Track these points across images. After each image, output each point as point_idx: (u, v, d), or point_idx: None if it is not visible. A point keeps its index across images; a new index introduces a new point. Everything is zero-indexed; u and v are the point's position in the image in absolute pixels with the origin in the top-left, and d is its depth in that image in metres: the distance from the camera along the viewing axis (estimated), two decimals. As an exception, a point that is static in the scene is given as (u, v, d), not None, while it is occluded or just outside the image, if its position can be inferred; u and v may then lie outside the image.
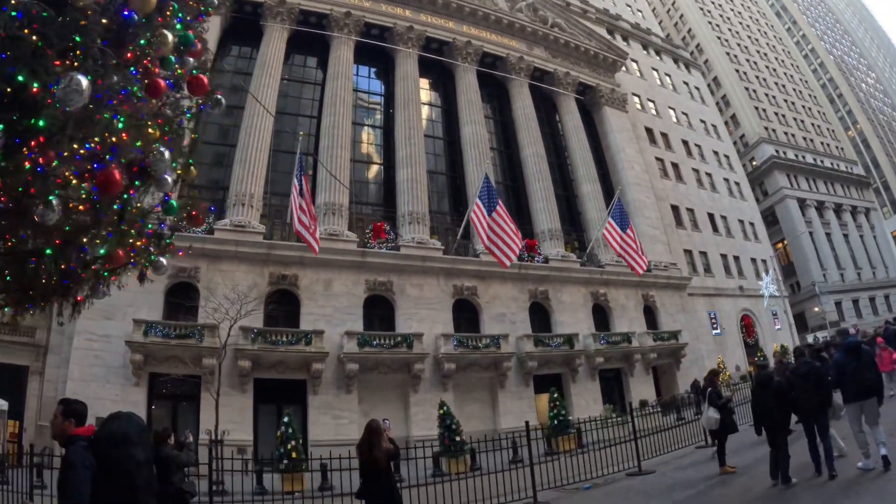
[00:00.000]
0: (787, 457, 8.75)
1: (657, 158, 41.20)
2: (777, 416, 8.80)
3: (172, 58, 5.76)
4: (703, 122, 48.90)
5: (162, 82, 5.34)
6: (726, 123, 61.26)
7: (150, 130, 5.47)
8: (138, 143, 5.11)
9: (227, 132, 27.04)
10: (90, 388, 18.97)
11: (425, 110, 33.21)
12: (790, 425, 9.04)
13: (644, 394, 27.03)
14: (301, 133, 23.45)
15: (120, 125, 4.69)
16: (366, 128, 31.77)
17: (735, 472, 10.60)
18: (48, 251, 5.19)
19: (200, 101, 7.45)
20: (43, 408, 19.73)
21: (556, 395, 21.22)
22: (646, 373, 29.82)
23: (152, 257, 7.44)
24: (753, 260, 42.89)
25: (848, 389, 8.20)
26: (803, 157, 60.68)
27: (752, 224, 46.23)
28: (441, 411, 18.68)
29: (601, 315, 30.86)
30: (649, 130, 42.28)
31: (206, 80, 6.07)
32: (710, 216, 42.33)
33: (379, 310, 25.59)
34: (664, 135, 43.49)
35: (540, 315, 29.06)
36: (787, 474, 8.81)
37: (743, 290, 40.18)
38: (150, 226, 7.31)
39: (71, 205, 4.62)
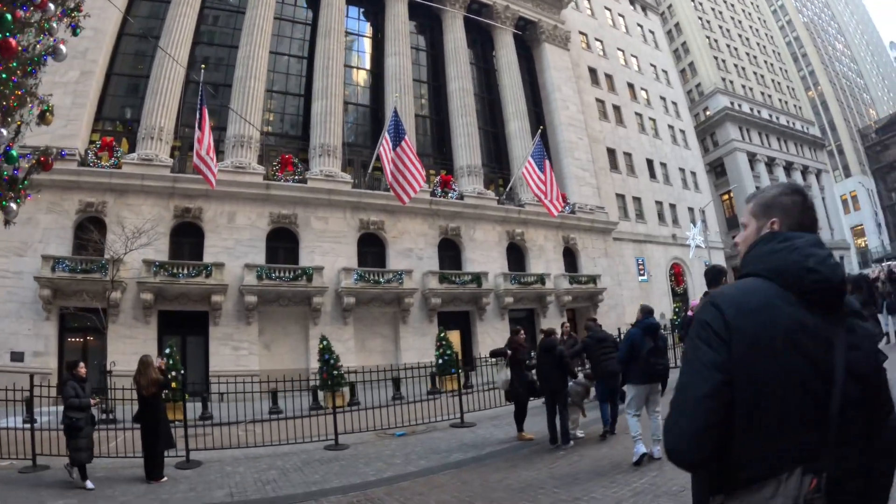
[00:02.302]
0: (565, 419, 9.17)
1: (598, 100, 39.61)
2: (557, 381, 9.30)
3: (8, 16, 6.53)
4: (653, 66, 47.20)
5: (13, 42, 6.30)
6: (683, 71, 59.96)
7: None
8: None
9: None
10: (5, 323, 19.76)
11: (355, 41, 31.76)
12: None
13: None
14: (203, 66, 22.23)
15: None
16: (288, 58, 29.91)
17: (532, 440, 9.94)
18: None
19: (44, 52, 8.17)
20: (-34, 346, 20.24)
21: (442, 335, 20.67)
22: (560, 315, 28.98)
23: (3, 203, 8.00)
24: (691, 209, 42.05)
25: (637, 370, 7.79)
26: (758, 112, 59.65)
27: (693, 173, 45.34)
28: (321, 345, 18.13)
29: (517, 255, 30.00)
30: (593, 71, 40.54)
31: (13, 43, 6.60)
32: (649, 162, 41.23)
33: (283, 242, 24.97)
34: (609, 76, 41.79)
35: (451, 252, 28.16)
36: (567, 435, 9.14)
37: (676, 239, 39.33)
38: (5, 173, 7.98)
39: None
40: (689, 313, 15.49)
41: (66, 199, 21.17)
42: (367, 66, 32.10)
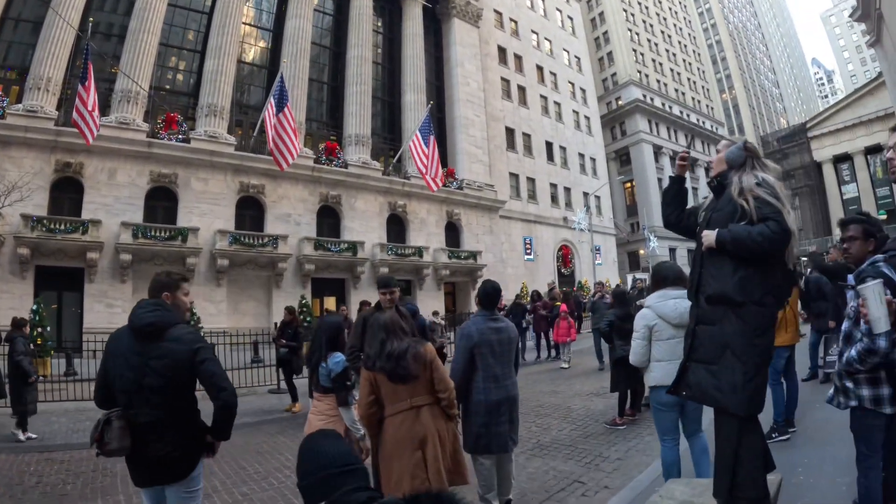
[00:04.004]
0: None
1: (503, 79, 40.17)
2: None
3: None
4: (566, 51, 48.19)
5: None
6: (602, 59, 61.59)
7: None
8: None
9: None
10: None
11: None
12: None
13: (432, 306, 26.98)
14: (91, 19, 22.11)
15: None
16: (188, 12, 28.74)
17: (298, 412, 10.40)
18: None
19: None
20: None
21: (304, 301, 21.08)
22: (437, 288, 29.96)
23: None
24: (586, 194, 43.53)
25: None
26: (670, 108, 62.04)
27: (593, 159, 46.90)
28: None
29: (399, 226, 30.54)
30: (502, 50, 40.99)
31: None
32: (549, 144, 42.32)
33: (163, 202, 24.72)
34: (518, 56, 42.37)
35: (331, 219, 28.37)
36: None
37: (567, 221, 40.60)
38: None
39: None
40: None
41: (-53, 150, 20.73)
42: (270, 26, 31.38)
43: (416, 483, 3.36)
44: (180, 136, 24.94)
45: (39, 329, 16.05)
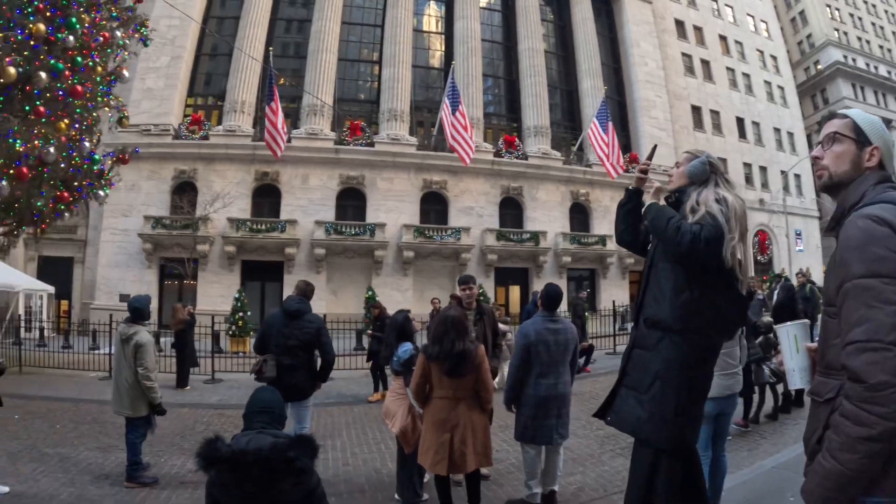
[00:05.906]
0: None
1: (684, 54, 37.04)
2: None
3: (79, 59, 9.23)
4: (751, 16, 43.10)
5: (79, 87, 9.08)
6: (793, 20, 54.76)
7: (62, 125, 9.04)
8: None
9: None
10: (115, 272, 24.60)
11: (427, 5, 32.55)
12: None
13: (616, 296, 25.53)
14: (271, 48, 25.13)
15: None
16: (362, 27, 30.90)
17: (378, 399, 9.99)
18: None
19: (112, 77, 10.71)
20: (84, 289, 25.69)
21: (481, 290, 21.19)
22: (621, 276, 28.77)
23: (95, 191, 10.84)
24: (783, 173, 38.34)
25: None
26: (875, 68, 53.22)
27: (790, 133, 41.41)
28: (367, 295, 20.34)
29: (582, 215, 29.80)
30: (680, 23, 37.88)
31: (80, 89, 9.09)
32: (740, 121, 38.12)
33: (352, 201, 27.11)
34: (698, 28, 38.81)
35: (513, 210, 28.59)
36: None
37: (763, 204, 36.36)
38: (95, 167, 10.59)
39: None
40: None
41: (163, 168, 25.27)
42: (440, 28, 32.38)
43: (438, 458, 3.96)
44: (364, 141, 26.93)
45: (241, 314, 18.23)
